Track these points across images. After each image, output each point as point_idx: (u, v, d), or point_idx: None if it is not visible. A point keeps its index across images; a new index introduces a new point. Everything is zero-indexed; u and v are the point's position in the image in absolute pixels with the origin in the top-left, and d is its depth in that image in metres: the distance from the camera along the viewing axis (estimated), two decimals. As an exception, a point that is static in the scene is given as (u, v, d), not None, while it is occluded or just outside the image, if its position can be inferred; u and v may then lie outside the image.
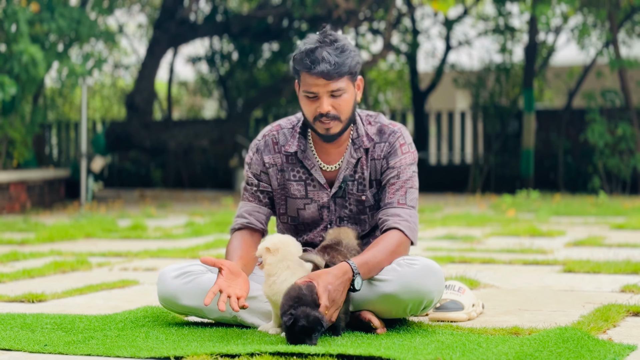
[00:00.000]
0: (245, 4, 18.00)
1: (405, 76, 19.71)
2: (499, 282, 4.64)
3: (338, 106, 3.24)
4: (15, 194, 11.08)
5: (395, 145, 3.35)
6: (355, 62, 3.25)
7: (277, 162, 3.40)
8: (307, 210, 3.40)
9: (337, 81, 3.21)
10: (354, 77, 3.28)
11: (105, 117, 21.06)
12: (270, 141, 3.42)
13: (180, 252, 6.10)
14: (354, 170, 3.36)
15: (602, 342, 2.97)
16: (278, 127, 3.44)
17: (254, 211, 3.43)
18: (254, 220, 3.42)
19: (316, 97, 3.24)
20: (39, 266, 5.26)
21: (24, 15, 10.46)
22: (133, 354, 2.87)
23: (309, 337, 2.85)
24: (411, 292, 3.15)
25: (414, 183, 3.36)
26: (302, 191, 3.39)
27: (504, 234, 7.53)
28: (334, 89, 3.21)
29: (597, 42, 15.14)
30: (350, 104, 3.27)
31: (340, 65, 3.19)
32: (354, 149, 3.36)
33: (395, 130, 3.37)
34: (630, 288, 4.26)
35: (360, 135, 3.36)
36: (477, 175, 16.15)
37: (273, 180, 3.42)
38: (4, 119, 11.29)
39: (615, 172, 14.21)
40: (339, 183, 3.36)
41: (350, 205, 3.38)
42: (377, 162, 3.36)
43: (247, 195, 3.46)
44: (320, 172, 3.37)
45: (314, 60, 3.19)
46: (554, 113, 16.31)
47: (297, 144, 3.38)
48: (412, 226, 3.29)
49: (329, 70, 3.18)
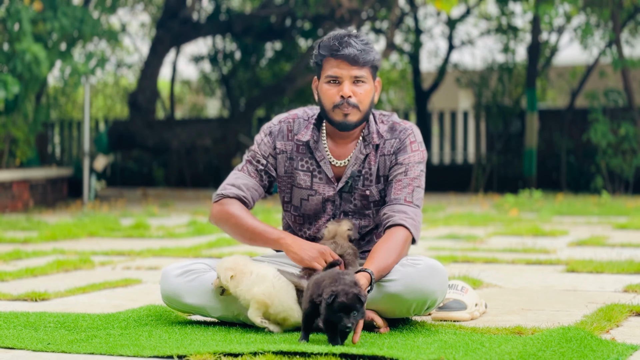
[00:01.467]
0: (248, 3, 18.00)
1: (407, 75, 19.71)
2: (502, 281, 4.64)
3: (359, 94, 3.28)
4: (18, 193, 11.08)
5: (406, 142, 3.36)
6: (378, 57, 3.34)
7: (288, 150, 3.41)
8: (310, 202, 3.40)
9: (361, 69, 3.27)
10: (374, 72, 3.34)
11: (108, 116, 21.07)
12: (285, 128, 3.43)
13: (183, 251, 6.10)
14: (361, 166, 3.37)
15: (605, 342, 2.97)
16: (295, 116, 3.46)
17: (252, 187, 3.41)
18: (249, 197, 3.41)
19: (338, 82, 3.28)
20: (41, 265, 5.26)
21: (27, 14, 10.46)
22: (136, 352, 2.87)
23: (347, 315, 2.79)
24: (415, 292, 3.15)
25: (421, 182, 3.36)
26: (307, 182, 3.40)
27: (506, 233, 7.53)
28: (357, 75, 3.27)
29: (600, 41, 15.13)
30: (369, 96, 3.32)
31: (366, 52, 3.27)
32: (363, 145, 3.37)
33: (407, 128, 3.39)
34: (633, 288, 4.25)
35: (371, 132, 3.38)
36: (480, 174, 16.14)
37: (280, 167, 3.43)
38: (7, 117, 11.30)
39: (618, 171, 14.21)
40: (347, 178, 3.37)
41: (355, 200, 3.39)
42: (387, 157, 3.37)
43: (250, 169, 3.43)
44: (329, 166, 3.38)
45: (341, 43, 3.28)
46: (556, 113, 16.30)
47: (310, 134, 3.39)
48: (417, 225, 3.29)
49: (355, 55, 3.25)
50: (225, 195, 3.39)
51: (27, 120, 11.82)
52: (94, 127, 19.07)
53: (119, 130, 14.83)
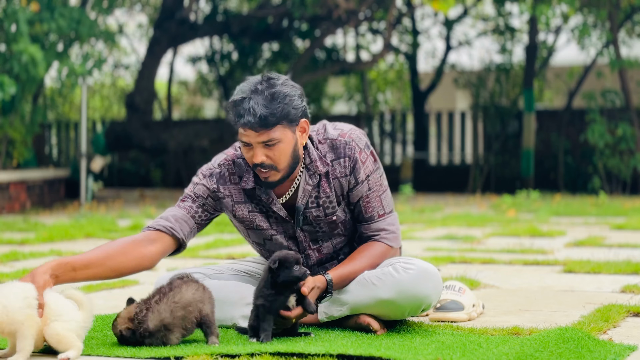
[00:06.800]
0: (245, 4, 18.00)
1: (405, 76, 19.71)
2: (500, 282, 4.64)
3: (273, 156, 3.10)
4: (15, 194, 11.07)
5: (355, 157, 3.22)
6: (289, 109, 3.08)
7: (234, 194, 3.27)
8: (273, 241, 3.32)
9: (268, 132, 3.07)
10: (291, 123, 3.11)
11: (105, 117, 21.06)
12: (226, 172, 3.27)
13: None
14: (314, 197, 3.25)
15: (603, 343, 2.97)
16: (234, 156, 3.29)
17: (181, 219, 3.23)
18: (178, 229, 3.21)
19: (250, 145, 3.12)
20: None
21: (24, 15, 10.45)
22: (133, 354, 2.86)
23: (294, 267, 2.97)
24: (408, 297, 3.15)
25: (384, 186, 3.31)
26: (266, 222, 3.29)
27: (504, 234, 7.53)
28: (265, 139, 3.08)
29: (598, 42, 15.14)
30: (287, 152, 3.12)
31: (266, 117, 3.04)
32: (308, 176, 3.23)
33: (348, 141, 3.22)
34: (630, 288, 4.25)
35: (313, 160, 3.22)
36: (477, 175, 16.15)
37: (227, 210, 3.29)
38: (4, 118, 11.28)
39: (616, 172, 14.21)
40: (299, 214, 3.26)
41: (322, 228, 3.31)
42: (342, 180, 3.24)
43: (184, 205, 3.26)
44: (280, 206, 3.26)
45: (238, 113, 3.08)
46: (554, 113, 16.31)
47: (252, 179, 3.24)
48: (396, 234, 3.31)
49: (254, 123, 3.04)
50: (149, 227, 3.22)
51: (24, 121, 11.80)
52: (91, 128, 19.06)
53: (116, 131, 14.82)
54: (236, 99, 3.11)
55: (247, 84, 3.13)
